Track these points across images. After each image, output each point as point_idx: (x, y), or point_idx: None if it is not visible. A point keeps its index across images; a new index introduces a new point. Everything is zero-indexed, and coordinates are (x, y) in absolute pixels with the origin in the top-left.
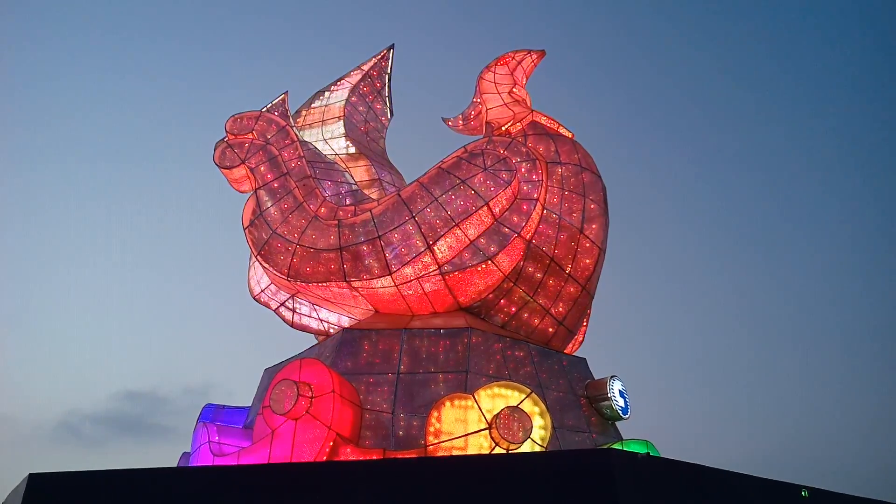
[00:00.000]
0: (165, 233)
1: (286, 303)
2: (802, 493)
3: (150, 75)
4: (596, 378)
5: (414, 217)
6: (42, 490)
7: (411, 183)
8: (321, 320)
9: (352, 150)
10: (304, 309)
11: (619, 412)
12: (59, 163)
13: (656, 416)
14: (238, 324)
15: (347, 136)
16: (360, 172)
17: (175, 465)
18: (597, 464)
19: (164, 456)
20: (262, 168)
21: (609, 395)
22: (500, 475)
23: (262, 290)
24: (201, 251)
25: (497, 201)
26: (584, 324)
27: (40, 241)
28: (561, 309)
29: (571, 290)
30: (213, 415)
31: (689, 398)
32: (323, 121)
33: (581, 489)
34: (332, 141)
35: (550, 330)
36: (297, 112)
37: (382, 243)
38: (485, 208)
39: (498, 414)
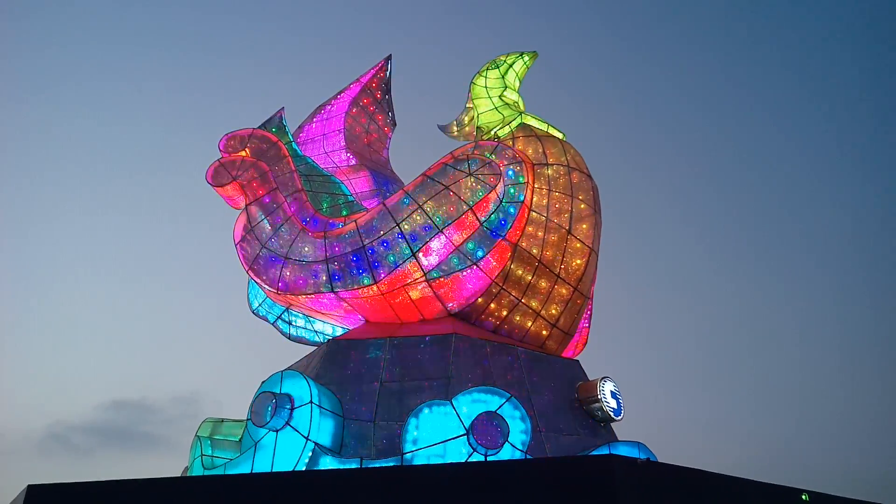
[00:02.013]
0: (152, 242)
1: (282, 316)
2: (803, 496)
3: (148, 84)
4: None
5: (398, 225)
6: (41, 501)
7: (397, 191)
8: (316, 332)
9: (352, 161)
10: (300, 321)
11: (611, 413)
12: (42, 174)
13: (655, 419)
14: (226, 332)
15: (348, 148)
16: (360, 183)
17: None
18: (597, 469)
19: (154, 465)
20: (254, 184)
21: (599, 396)
22: (499, 482)
23: (260, 304)
24: (189, 260)
25: (481, 206)
26: (587, 325)
27: (25, 252)
28: (553, 311)
29: (563, 291)
30: (211, 429)
31: (688, 401)
32: (324, 134)
33: (582, 495)
34: (333, 154)
35: (544, 332)
36: (300, 127)
37: (367, 253)
38: (469, 213)
39: (475, 419)
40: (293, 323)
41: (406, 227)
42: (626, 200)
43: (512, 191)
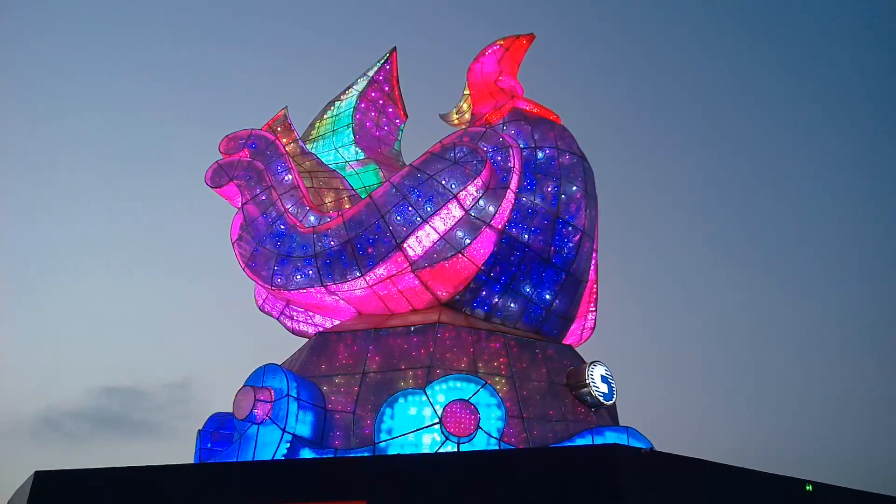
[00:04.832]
0: (144, 227)
1: (284, 311)
2: (807, 487)
3: (149, 77)
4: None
5: (383, 217)
6: (48, 487)
7: (384, 183)
8: (316, 326)
9: (361, 155)
10: (301, 316)
11: (601, 398)
12: (35, 160)
13: (656, 409)
14: (219, 317)
15: (358, 142)
16: (370, 177)
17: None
18: (602, 459)
19: (147, 451)
20: (252, 183)
21: (588, 381)
22: (503, 471)
23: (264, 300)
24: (181, 245)
25: (466, 193)
26: (593, 310)
27: (17, 236)
28: (547, 296)
29: (555, 276)
30: (217, 423)
31: (689, 391)
32: (334, 130)
33: (586, 484)
34: (342, 149)
35: (539, 318)
36: (311, 124)
37: (353, 246)
38: (453, 201)
39: (446, 408)
40: (294, 318)
41: (391, 218)
42: (627, 195)
43: (500, 177)
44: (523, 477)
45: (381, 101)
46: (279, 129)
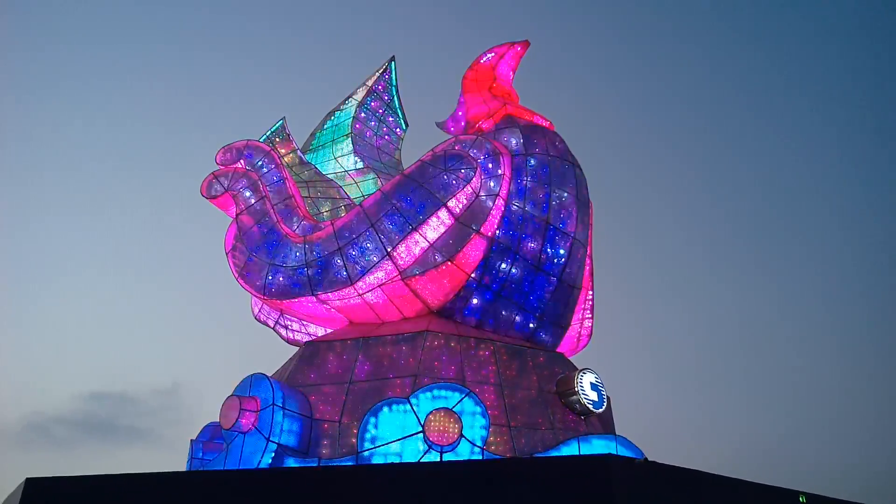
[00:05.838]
0: (131, 233)
1: (279, 320)
2: (801, 499)
3: (147, 84)
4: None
5: (373, 226)
6: (39, 494)
7: (375, 193)
8: (310, 335)
9: (360, 164)
10: (295, 325)
11: (590, 406)
12: (22, 168)
13: (651, 419)
14: (206, 323)
15: (357, 152)
16: (368, 185)
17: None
18: (593, 469)
19: (136, 457)
20: (247, 193)
21: (576, 389)
22: (487, 481)
23: (260, 310)
24: (168, 251)
25: (456, 201)
26: (588, 316)
27: (3, 244)
28: (538, 303)
29: (546, 283)
30: (211, 433)
31: (684, 400)
32: (334, 140)
33: (576, 495)
34: (342, 158)
35: (532, 325)
36: (312, 134)
37: (343, 255)
38: (443, 209)
39: (429, 416)
40: (289, 327)
41: (381, 226)
42: (622, 202)
43: (490, 184)
44: (508, 487)
45: (380, 111)
46: (277, 139)
